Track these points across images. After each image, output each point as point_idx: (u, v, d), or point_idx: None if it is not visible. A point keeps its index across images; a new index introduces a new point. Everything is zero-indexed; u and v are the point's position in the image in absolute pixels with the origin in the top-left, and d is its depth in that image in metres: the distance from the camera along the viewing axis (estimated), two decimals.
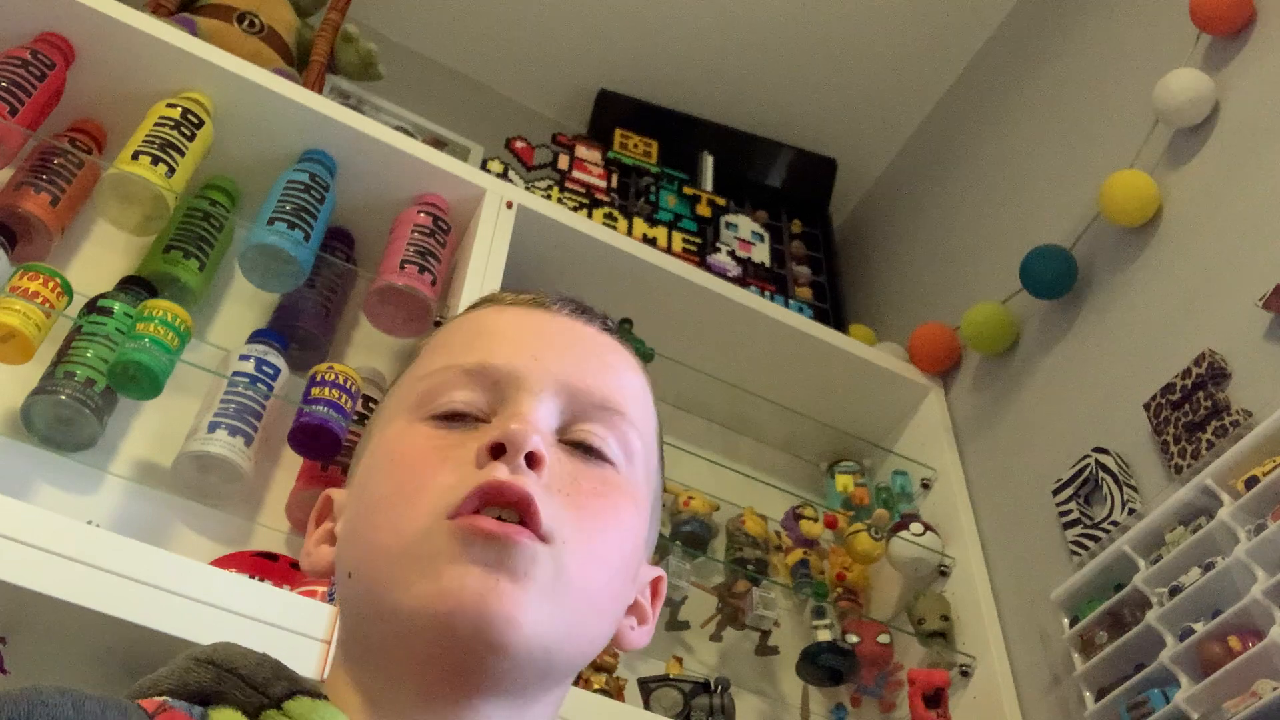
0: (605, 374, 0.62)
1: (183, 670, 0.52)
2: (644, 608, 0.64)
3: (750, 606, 1.53)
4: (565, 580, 0.53)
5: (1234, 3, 1.53)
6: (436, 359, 0.62)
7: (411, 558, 0.52)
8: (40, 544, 0.97)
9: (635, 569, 0.61)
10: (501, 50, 2.31)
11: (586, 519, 0.55)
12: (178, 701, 0.50)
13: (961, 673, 1.53)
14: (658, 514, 0.66)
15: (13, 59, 1.38)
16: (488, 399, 0.58)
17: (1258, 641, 1.11)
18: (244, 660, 0.53)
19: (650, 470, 0.63)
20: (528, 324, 0.63)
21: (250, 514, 1.36)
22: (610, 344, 0.65)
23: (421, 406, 0.59)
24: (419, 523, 0.53)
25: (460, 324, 0.65)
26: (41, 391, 1.23)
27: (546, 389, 0.58)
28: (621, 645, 0.62)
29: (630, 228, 1.96)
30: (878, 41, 2.27)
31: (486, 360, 0.59)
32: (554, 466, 0.56)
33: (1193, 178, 1.54)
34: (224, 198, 1.54)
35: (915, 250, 2.24)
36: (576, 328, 0.64)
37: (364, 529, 0.57)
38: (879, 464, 1.90)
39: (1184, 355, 1.38)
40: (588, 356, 0.62)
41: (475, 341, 0.61)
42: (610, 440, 0.59)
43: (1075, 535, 1.43)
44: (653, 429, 0.65)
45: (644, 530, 0.62)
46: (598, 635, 0.58)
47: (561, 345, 0.61)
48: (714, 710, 1.33)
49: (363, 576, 0.55)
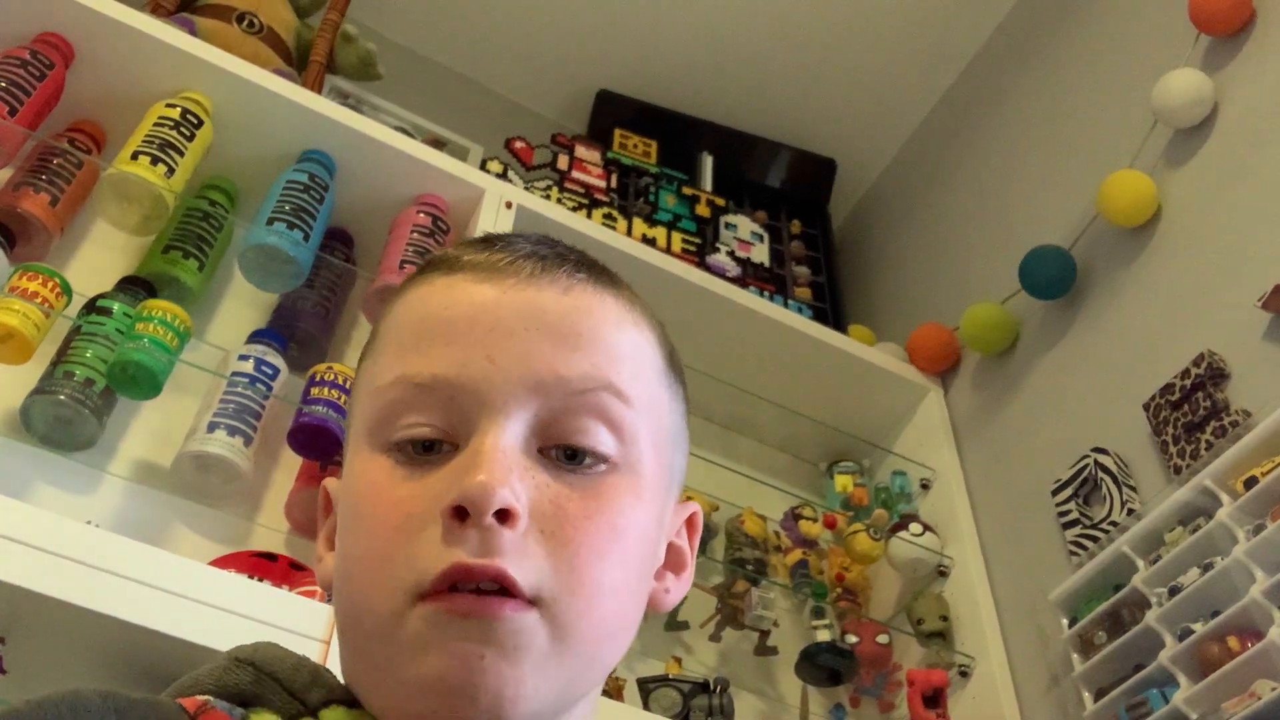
0: (580, 350, 0.54)
1: (223, 670, 0.52)
2: (680, 552, 0.60)
3: (749, 607, 1.53)
4: (564, 635, 0.49)
5: (1233, 3, 1.53)
6: (389, 361, 0.55)
7: (389, 640, 0.49)
8: (40, 544, 0.97)
9: (655, 546, 0.57)
10: (501, 50, 2.31)
11: (580, 554, 0.50)
12: (219, 702, 0.49)
13: (960, 673, 1.53)
14: (684, 442, 0.61)
15: (12, 59, 1.38)
16: (446, 417, 0.52)
17: (1257, 642, 1.11)
18: (282, 664, 0.52)
19: (659, 427, 0.57)
20: (480, 307, 0.54)
21: (249, 514, 1.36)
22: (584, 301, 0.56)
23: (379, 431, 0.53)
24: (390, 603, 0.49)
25: (410, 305, 0.57)
26: (41, 391, 1.23)
27: (511, 398, 0.51)
28: (658, 608, 0.58)
29: (630, 228, 1.96)
30: (878, 41, 2.27)
31: (437, 372, 0.52)
32: (534, 502, 0.50)
33: (1192, 178, 1.54)
34: (223, 198, 1.54)
35: (915, 250, 2.24)
36: (538, 299, 0.54)
37: (343, 586, 0.53)
38: (878, 464, 1.90)
39: (1183, 355, 1.38)
40: (556, 336, 0.53)
41: (424, 339, 0.54)
42: (599, 430, 0.53)
43: (1074, 535, 1.43)
44: (656, 374, 0.58)
45: (658, 502, 0.56)
46: (620, 647, 0.54)
47: (521, 332, 0.53)
48: (713, 710, 1.33)
49: (349, 644, 0.53)
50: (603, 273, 0.59)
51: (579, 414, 0.52)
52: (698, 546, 0.62)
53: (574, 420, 0.52)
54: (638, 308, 0.59)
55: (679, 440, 0.60)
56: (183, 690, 0.51)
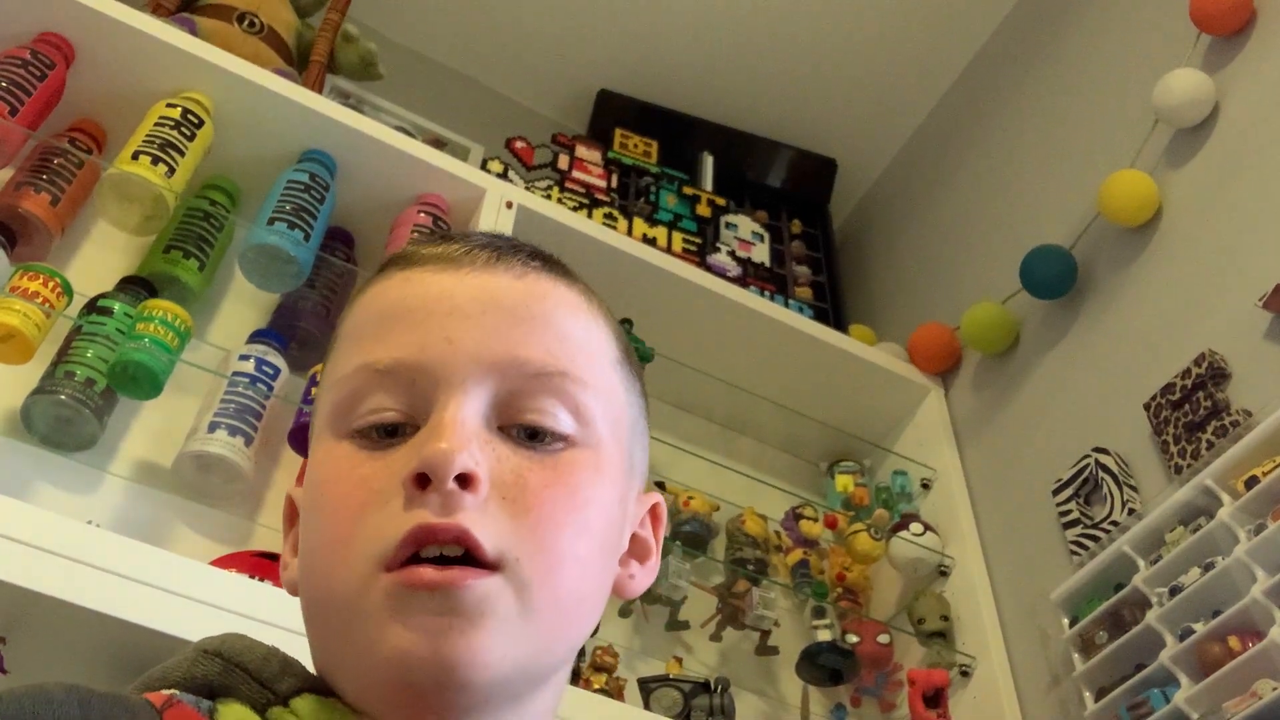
0: (536, 333, 0.54)
1: (190, 662, 0.52)
2: (644, 542, 0.61)
3: (750, 606, 1.53)
4: (529, 598, 0.49)
5: (1234, 3, 1.53)
6: (350, 354, 0.56)
7: (353, 613, 0.49)
8: (40, 544, 0.97)
9: (617, 527, 0.57)
10: (501, 50, 2.31)
11: (542, 521, 0.50)
12: (186, 695, 0.49)
13: (961, 673, 1.53)
14: (642, 434, 0.61)
15: (12, 59, 1.38)
16: (408, 399, 0.52)
17: (1258, 642, 1.11)
18: (251, 654, 0.52)
19: (616, 414, 0.58)
20: (437, 294, 0.55)
21: (250, 514, 1.36)
22: (539, 288, 0.57)
23: (341, 419, 0.54)
24: (354, 576, 0.49)
25: (369, 301, 0.58)
26: (41, 391, 1.23)
27: (470, 377, 0.52)
28: (624, 595, 0.59)
29: (630, 228, 1.96)
30: (878, 41, 2.27)
31: (398, 356, 0.53)
32: (494, 472, 0.50)
33: (1192, 178, 1.54)
34: (224, 198, 1.54)
35: (915, 250, 2.24)
36: (494, 284, 0.56)
37: (307, 573, 0.53)
38: (879, 464, 1.90)
39: (1184, 355, 1.38)
40: (512, 319, 0.54)
41: (383, 328, 0.55)
42: (557, 410, 0.53)
43: (1075, 535, 1.43)
44: (609, 364, 0.58)
45: (617, 488, 0.57)
46: (586, 623, 0.54)
47: (478, 315, 0.54)
48: (714, 710, 1.33)
49: (315, 626, 0.53)
50: (556, 264, 0.60)
51: (537, 395, 0.53)
52: (663, 538, 0.63)
53: (532, 400, 0.53)
54: (592, 299, 0.60)
55: (637, 431, 0.60)
56: (150, 684, 0.51)
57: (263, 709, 0.50)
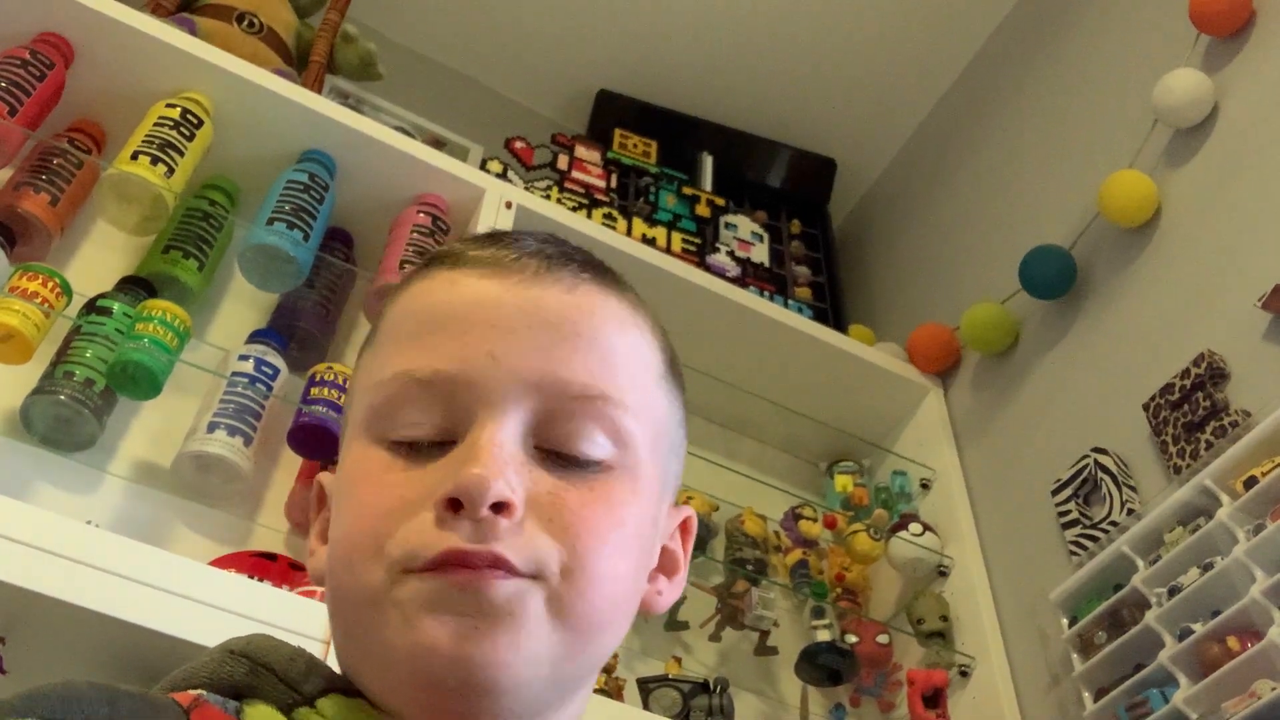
0: (580, 352, 0.53)
1: (217, 662, 0.51)
2: (673, 555, 0.60)
3: (749, 607, 1.53)
4: (560, 610, 0.49)
5: (1233, 3, 1.53)
6: (390, 356, 0.55)
7: (379, 607, 0.49)
8: (40, 544, 0.97)
9: (650, 544, 0.57)
10: (501, 50, 2.31)
11: (579, 540, 0.50)
12: (213, 695, 0.49)
13: (961, 673, 1.53)
14: (680, 445, 0.60)
15: (12, 59, 1.38)
16: (446, 412, 0.52)
17: (1257, 642, 1.11)
18: (277, 654, 0.52)
19: (656, 431, 0.57)
20: (483, 303, 0.54)
21: (250, 514, 1.36)
22: (588, 302, 0.55)
23: (376, 424, 0.53)
24: (380, 575, 0.49)
25: (412, 300, 0.57)
26: (41, 391, 1.23)
27: (509, 396, 0.51)
28: (650, 612, 0.58)
29: (629, 228, 1.96)
30: (878, 41, 2.27)
31: (438, 368, 0.52)
32: (531, 494, 0.50)
33: (1192, 178, 1.54)
34: (223, 198, 1.54)
35: (915, 250, 2.24)
36: (542, 297, 0.54)
37: (334, 568, 0.53)
38: (878, 464, 1.90)
39: (1183, 355, 1.38)
40: (557, 336, 0.53)
41: (425, 333, 0.54)
42: (597, 434, 0.53)
43: (1074, 535, 1.43)
44: (655, 379, 0.58)
45: (654, 502, 0.56)
46: (613, 638, 0.54)
47: (523, 329, 0.53)
48: (713, 710, 1.33)
49: (341, 619, 0.53)
50: (607, 274, 0.59)
51: (577, 417, 0.52)
52: (691, 551, 0.62)
53: (572, 423, 0.52)
54: (641, 311, 0.59)
55: (676, 445, 0.60)
56: (176, 684, 0.51)
57: (289, 709, 0.50)
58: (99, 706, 0.44)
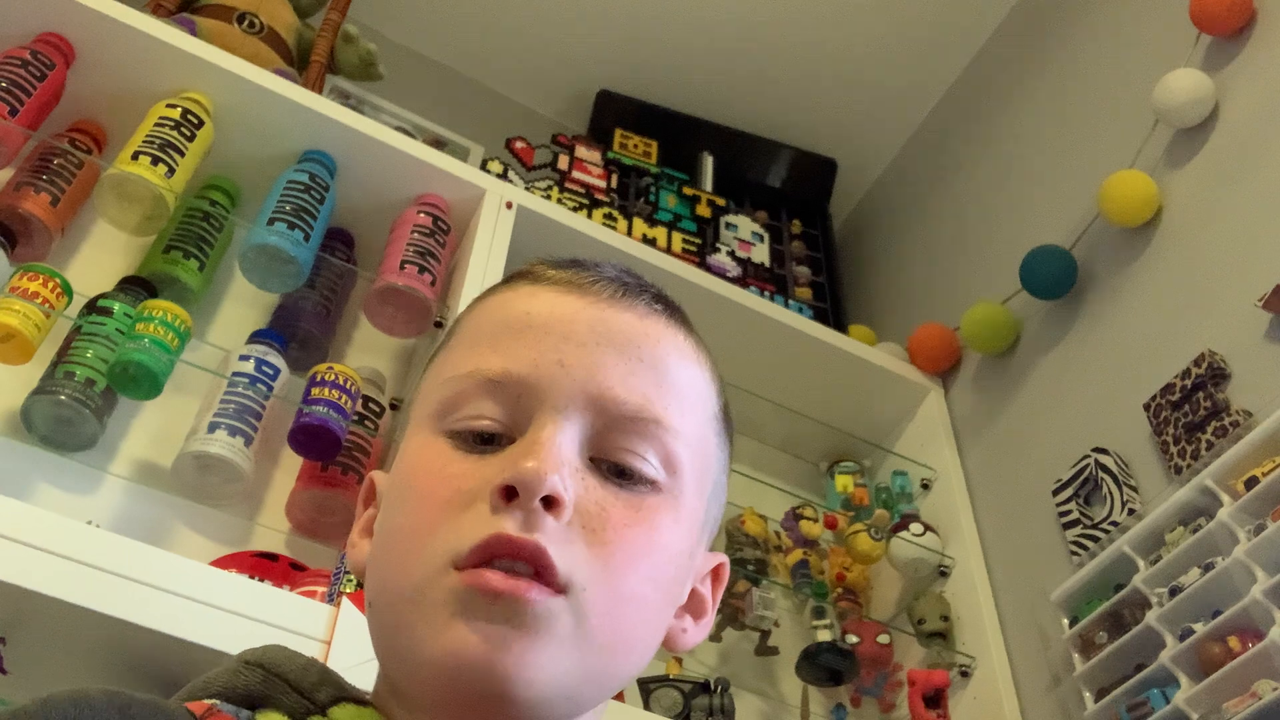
0: (640, 375, 0.56)
1: (231, 673, 0.52)
2: (702, 599, 0.61)
3: (750, 607, 1.53)
4: (587, 628, 0.50)
5: (1234, 3, 1.53)
6: (464, 356, 0.57)
7: (417, 605, 0.50)
8: (40, 544, 0.97)
9: (683, 578, 0.58)
10: (501, 50, 2.31)
11: (615, 557, 0.51)
12: (226, 705, 0.50)
13: (961, 673, 1.53)
14: (721, 491, 0.62)
15: (13, 59, 1.38)
16: (510, 411, 0.54)
17: (1258, 642, 1.11)
18: (290, 664, 0.53)
19: (703, 467, 0.59)
20: (559, 316, 0.57)
21: (250, 514, 1.36)
22: (655, 330, 0.58)
23: (444, 416, 0.55)
24: (426, 569, 0.50)
25: (491, 308, 0.60)
26: (41, 392, 1.23)
27: (572, 404, 0.53)
28: (673, 648, 0.59)
29: (630, 228, 1.96)
30: (878, 41, 2.27)
31: (510, 369, 0.55)
32: (579, 500, 0.52)
33: (1192, 178, 1.54)
34: (224, 198, 1.54)
35: (915, 250, 2.24)
36: (615, 318, 0.57)
37: (380, 557, 0.55)
38: (879, 464, 1.90)
39: (1184, 355, 1.38)
40: (625, 356, 0.56)
41: (501, 338, 0.57)
42: (649, 455, 0.55)
43: (1075, 535, 1.43)
44: (708, 417, 0.60)
45: (692, 537, 0.58)
46: (635, 664, 0.54)
47: (593, 344, 0.56)
48: (713, 710, 1.33)
49: (377, 611, 0.54)
50: (677, 311, 0.62)
51: (631, 436, 0.55)
52: (719, 600, 0.63)
53: (626, 440, 0.55)
54: (704, 352, 0.62)
55: (718, 490, 0.62)
56: (192, 694, 0.52)
57: (302, 718, 0.51)
58: (111, 714, 0.45)
